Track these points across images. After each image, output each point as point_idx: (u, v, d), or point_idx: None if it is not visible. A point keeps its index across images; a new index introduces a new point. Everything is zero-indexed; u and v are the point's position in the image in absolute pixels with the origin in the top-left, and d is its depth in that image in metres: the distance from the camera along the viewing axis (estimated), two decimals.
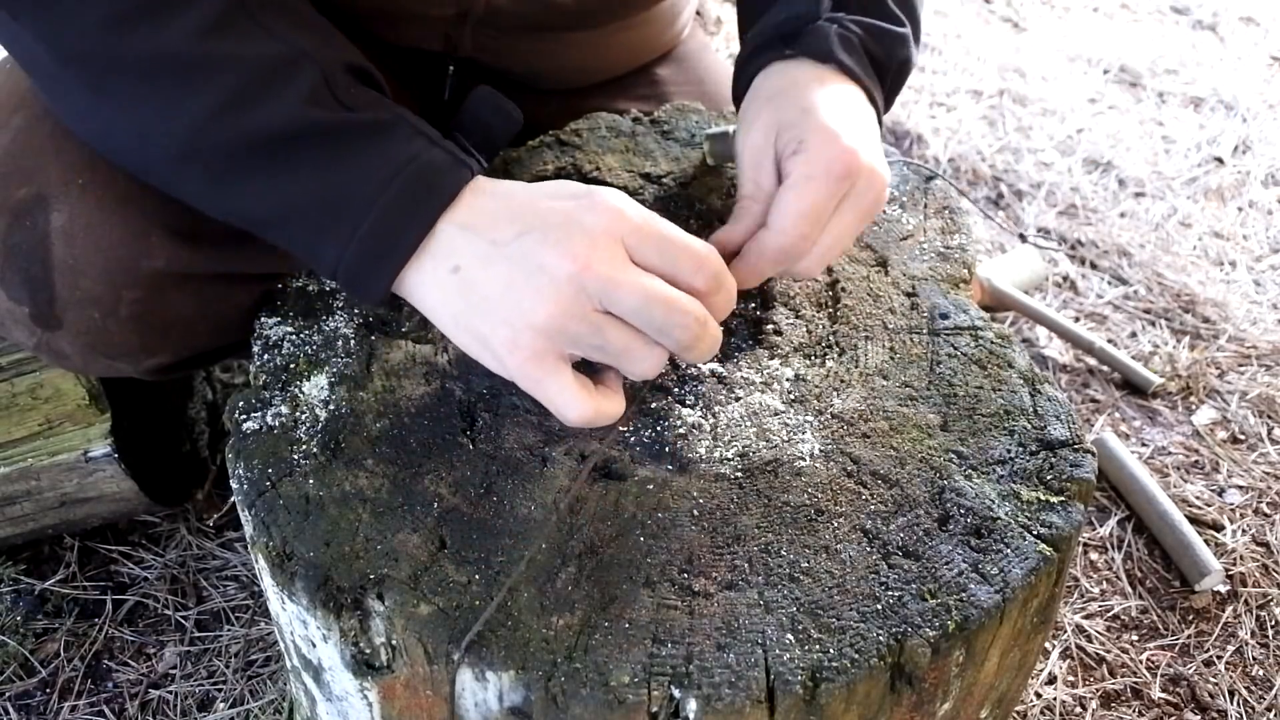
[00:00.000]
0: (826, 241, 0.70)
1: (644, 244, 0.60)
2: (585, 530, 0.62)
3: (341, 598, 0.58)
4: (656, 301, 0.59)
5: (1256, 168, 1.96)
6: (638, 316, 0.60)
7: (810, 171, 0.68)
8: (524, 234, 0.60)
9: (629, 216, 0.60)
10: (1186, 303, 1.64)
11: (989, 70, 2.20)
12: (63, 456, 1.00)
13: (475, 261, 0.60)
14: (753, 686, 0.54)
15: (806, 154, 0.69)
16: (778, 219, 0.69)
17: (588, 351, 0.62)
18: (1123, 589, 1.20)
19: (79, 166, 0.68)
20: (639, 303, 0.59)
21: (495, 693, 0.56)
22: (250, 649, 1.08)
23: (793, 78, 0.74)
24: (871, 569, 0.60)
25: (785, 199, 0.69)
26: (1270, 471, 1.36)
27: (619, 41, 1.02)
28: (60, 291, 0.70)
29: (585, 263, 0.58)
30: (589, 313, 0.59)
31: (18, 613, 1.09)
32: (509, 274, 0.60)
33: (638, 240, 0.60)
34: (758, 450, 0.67)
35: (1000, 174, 1.91)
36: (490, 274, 0.60)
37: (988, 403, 0.71)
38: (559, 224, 0.60)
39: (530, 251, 0.59)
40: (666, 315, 0.60)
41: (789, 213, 0.69)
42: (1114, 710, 1.08)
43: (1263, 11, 2.48)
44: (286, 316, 0.76)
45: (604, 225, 0.60)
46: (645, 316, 0.60)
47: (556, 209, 0.61)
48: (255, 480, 0.64)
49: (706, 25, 1.28)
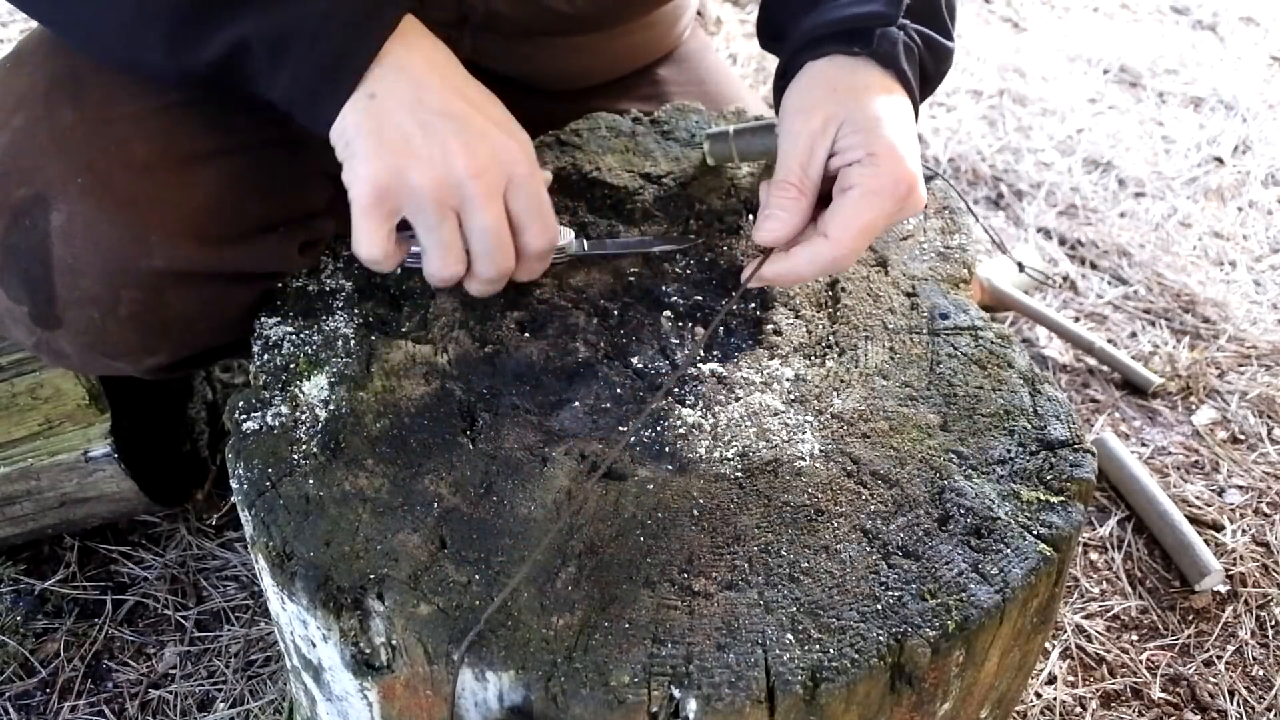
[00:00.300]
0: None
1: (520, 190, 0.67)
2: (585, 530, 0.62)
3: (341, 598, 0.58)
4: (497, 239, 0.67)
5: (1256, 168, 1.96)
6: (473, 236, 0.67)
7: (878, 188, 0.68)
8: (444, 114, 0.65)
9: (524, 162, 0.68)
10: (1186, 303, 1.64)
11: (989, 70, 2.20)
12: (63, 456, 1.00)
13: (392, 101, 0.65)
14: (753, 686, 0.54)
15: (876, 170, 0.68)
16: (839, 231, 0.68)
17: (419, 228, 0.67)
18: (1123, 589, 1.20)
19: (78, 167, 0.68)
20: (484, 230, 0.66)
21: (495, 693, 0.56)
22: (250, 649, 1.08)
23: (861, 79, 0.72)
24: (871, 569, 0.60)
25: (850, 211, 0.68)
26: (1270, 471, 1.36)
27: (619, 45, 1.02)
28: (60, 291, 0.70)
29: (477, 172, 0.65)
30: (448, 202, 0.65)
31: (18, 613, 1.09)
32: (412, 132, 0.64)
33: (519, 184, 0.67)
34: (758, 450, 0.67)
35: (1000, 174, 1.91)
36: (397, 119, 0.65)
37: (988, 403, 0.71)
38: (477, 130, 0.66)
39: (441, 130, 0.65)
40: (492, 253, 0.67)
41: (851, 226, 0.68)
42: (1114, 710, 1.08)
43: (1263, 11, 2.48)
44: (286, 316, 0.76)
45: (506, 156, 0.67)
46: (479, 241, 0.67)
47: (481, 117, 0.67)
48: (255, 480, 0.64)
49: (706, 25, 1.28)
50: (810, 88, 0.74)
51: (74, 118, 0.70)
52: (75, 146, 0.69)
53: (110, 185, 0.69)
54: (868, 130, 0.69)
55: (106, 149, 0.69)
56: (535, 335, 0.75)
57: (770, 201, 0.71)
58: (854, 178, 0.68)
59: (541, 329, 0.76)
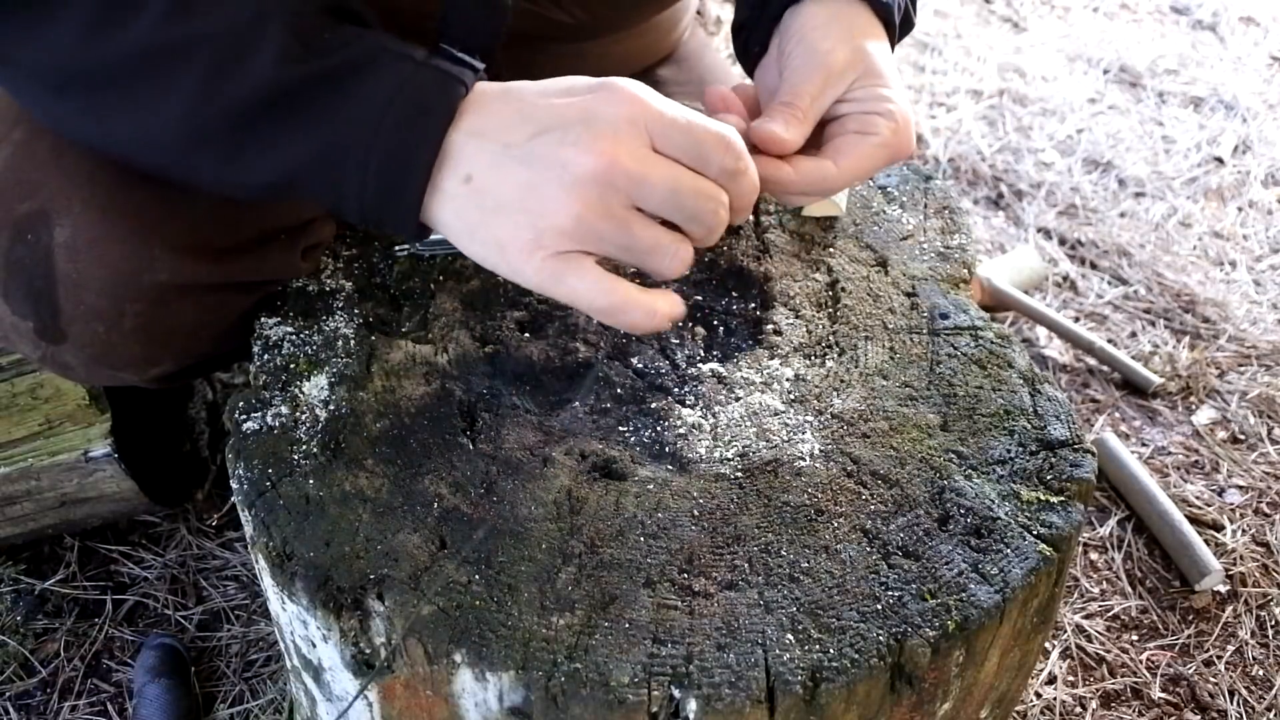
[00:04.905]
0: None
1: (668, 131, 0.58)
2: (585, 530, 0.62)
3: (341, 598, 0.58)
4: (686, 190, 0.58)
5: (1256, 168, 1.96)
6: (666, 207, 0.59)
7: (894, 147, 0.70)
8: (539, 134, 0.58)
9: (650, 104, 0.58)
10: (1186, 303, 1.64)
11: (989, 70, 2.20)
12: (63, 456, 1.00)
13: (487, 168, 0.58)
14: (753, 686, 0.54)
15: (895, 127, 0.70)
16: (848, 166, 0.69)
17: (612, 251, 0.59)
18: (1123, 589, 1.20)
19: (81, 181, 0.68)
20: (668, 193, 0.58)
21: (495, 693, 0.56)
22: (250, 649, 1.08)
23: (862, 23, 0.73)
24: (871, 569, 0.60)
25: (864, 155, 0.69)
26: (1270, 471, 1.36)
27: (620, 50, 1.02)
28: (64, 306, 0.70)
29: (611, 158, 0.56)
30: (616, 209, 0.57)
31: (18, 613, 1.09)
32: (527, 176, 0.57)
33: (661, 128, 0.58)
34: (758, 450, 0.67)
35: (1000, 174, 1.91)
36: (505, 178, 0.58)
37: (988, 403, 0.71)
38: (577, 119, 0.57)
39: (548, 151, 0.57)
40: (696, 202, 0.59)
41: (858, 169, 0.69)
42: (1114, 710, 1.08)
43: (1263, 11, 2.48)
44: (286, 317, 0.76)
45: (626, 115, 0.57)
46: (674, 205, 0.59)
47: (573, 104, 0.58)
48: (255, 480, 0.64)
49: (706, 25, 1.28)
50: (830, 21, 0.73)
51: None
52: (77, 161, 0.68)
53: (113, 199, 0.68)
54: (887, 87, 0.71)
55: (108, 163, 0.68)
56: (535, 335, 0.75)
57: (774, 112, 0.70)
58: (877, 126, 0.70)
59: (541, 329, 0.76)
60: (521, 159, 0.58)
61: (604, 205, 0.57)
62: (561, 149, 0.57)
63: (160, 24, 0.58)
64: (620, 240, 0.59)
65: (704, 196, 0.59)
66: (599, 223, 0.57)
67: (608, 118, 0.57)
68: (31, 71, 0.61)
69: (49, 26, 0.59)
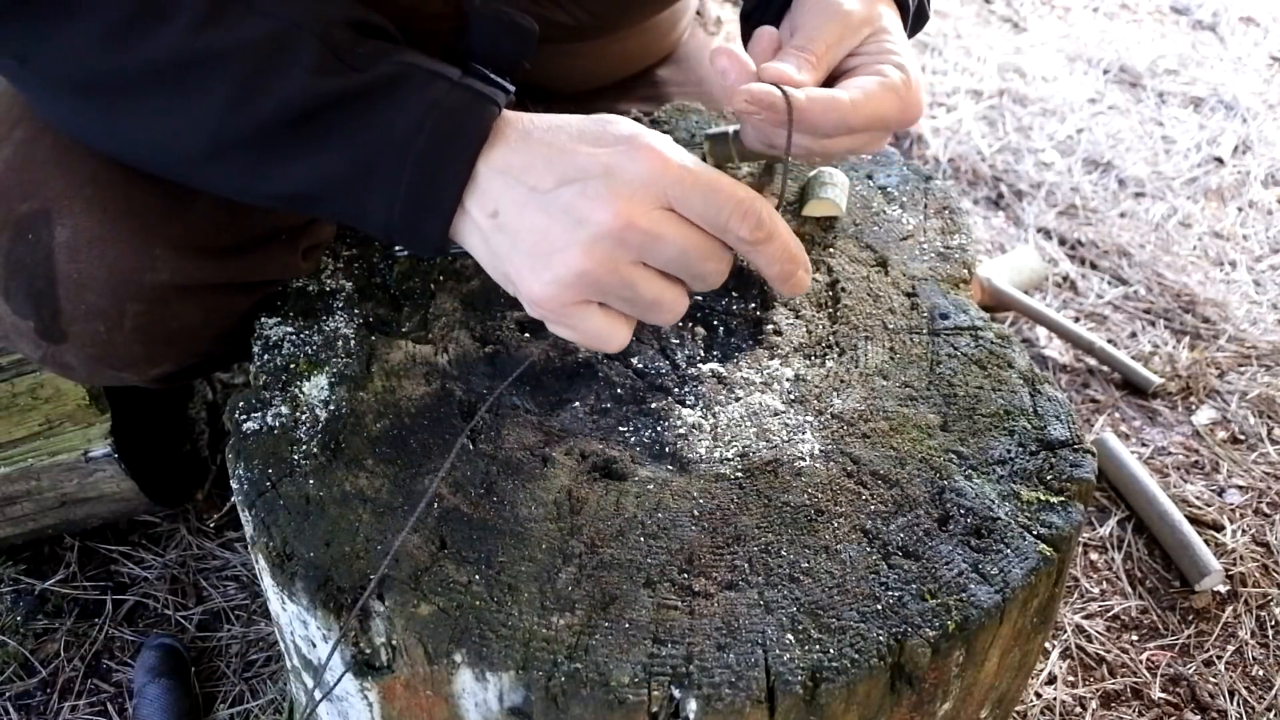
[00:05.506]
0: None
1: (688, 193, 0.59)
2: (585, 530, 0.62)
3: (341, 598, 0.58)
4: (695, 255, 0.60)
5: (1256, 168, 1.96)
6: (673, 266, 0.61)
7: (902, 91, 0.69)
8: (563, 184, 0.59)
9: (672, 163, 0.59)
10: (1186, 303, 1.64)
11: (989, 70, 2.20)
12: (63, 456, 1.00)
13: (513, 207, 0.60)
14: (753, 686, 0.54)
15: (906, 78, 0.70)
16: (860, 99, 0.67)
17: (614, 302, 0.61)
18: (1123, 589, 1.20)
19: (82, 181, 0.68)
20: (677, 254, 0.60)
21: (495, 693, 0.56)
22: (250, 649, 1.08)
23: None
24: (871, 569, 0.60)
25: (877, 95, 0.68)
26: (1270, 471, 1.36)
27: (619, 50, 1.02)
28: (65, 306, 0.70)
29: (626, 219, 0.58)
30: (623, 267, 0.59)
31: (18, 613, 1.09)
32: (546, 225, 0.59)
33: (681, 191, 0.59)
34: (758, 450, 0.67)
35: (1000, 174, 1.91)
36: (527, 222, 0.59)
37: (988, 403, 0.71)
38: (599, 174, 0.58)
39: (570, 203, 0.59)
40: (703, 266, 0.61)
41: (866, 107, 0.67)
42: (1114, 710, 1.08)
43: (1263, 11, 2.48)
44: (287, 317, 0.76)
45: (645, 175, 0.58)
46: (681, 265, 0.60)
47: (597, 157, 0.59)
48: (255, 480, 0.64)
49: (706, 25, 1.28)
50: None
51: None
52: (78, 160, 0.68)
53: (114, 199, 0.68)
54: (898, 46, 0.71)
55: (109, 162, 0.68)
56: (535, 335, 0.75)
57: (787, 55, 0.69)
58: (888, 72, 0.69)
59: (541, 329, 0.76)
60: (543, 206, 0.59)
61: (612, 262, 0.59)
62: (580, 200, 0.58)
63: (190, 33, 0.58)
64: (623, 294, 0.61)
65: (712, 260, 0.61)
66: (605, 278, 0.59)
67: (628, 175, 0.58)
68: (48, 73, 0.61)
69: (70, 28, 0.59)
